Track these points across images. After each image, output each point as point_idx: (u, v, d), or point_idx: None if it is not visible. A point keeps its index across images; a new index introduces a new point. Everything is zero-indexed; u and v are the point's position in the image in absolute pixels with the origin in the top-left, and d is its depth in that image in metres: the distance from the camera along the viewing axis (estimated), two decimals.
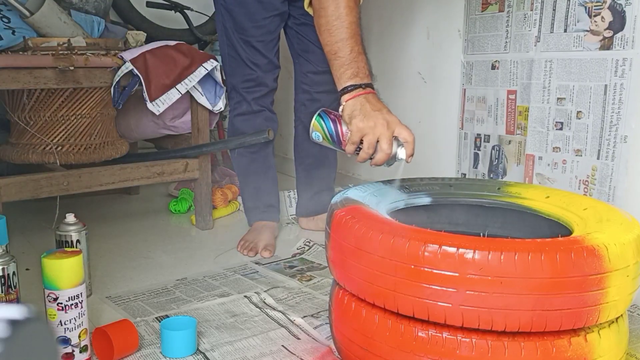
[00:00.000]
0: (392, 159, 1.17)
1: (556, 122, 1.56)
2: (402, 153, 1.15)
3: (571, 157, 1.54)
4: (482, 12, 1.75)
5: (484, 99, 1.77)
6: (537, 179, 1.61)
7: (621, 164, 1.44)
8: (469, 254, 0.83)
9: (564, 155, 1.55)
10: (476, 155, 1.81)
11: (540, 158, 1.61)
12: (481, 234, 1.25)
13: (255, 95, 1.77)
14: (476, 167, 1.81)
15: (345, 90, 1.18)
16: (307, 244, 1.80)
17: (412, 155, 1.16)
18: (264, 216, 1.86)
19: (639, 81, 1.40)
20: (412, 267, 0.86)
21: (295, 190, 2.03)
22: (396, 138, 1.15)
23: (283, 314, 1.31)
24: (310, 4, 1.29)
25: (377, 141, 1.13)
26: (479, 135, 1.80)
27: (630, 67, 1.40)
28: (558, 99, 1.55)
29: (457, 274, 0.83)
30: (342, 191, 1.14)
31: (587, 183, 1.51)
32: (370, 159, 1.17)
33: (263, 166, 1.85)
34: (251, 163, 1.85)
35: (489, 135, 1.77)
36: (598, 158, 1.48)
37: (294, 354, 1.13)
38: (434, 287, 0.85)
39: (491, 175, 1.76)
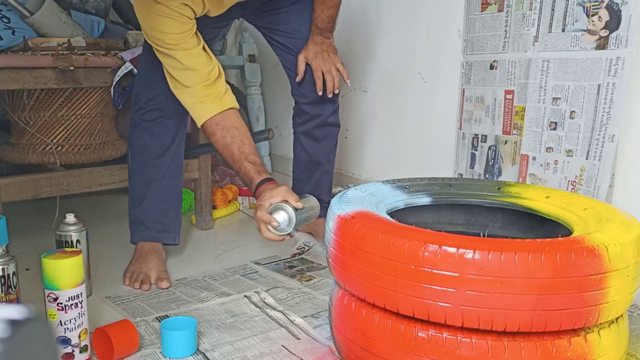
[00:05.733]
0: None
1: (550, 122, 1.55)
2: None
3: (562, 157, 1.52)
4: (481, 12, 1.75)
5: (482, 99, 1.76)
6: (530, 179, 1.60)
7: (607, 164, 1.43)
8: (469, 254, 0.83)
9: (556, 155, 1.54)
10: (473, 156, 1.80)
11: (534, 158, 1.60)
12: (481, 234, 1.25)
13: None
14: (473, 168, 1.80)
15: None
16: (307, 244, 1.80)
17: None
18: (150, 236, 1.61)
19: (630, 80, 1.40)
20: (412, 267, 0.86)
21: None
22: None
23: (283, 314, 1.30)
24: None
25: None
26: (476, 135, 1.79)
27: (622, 66, 1.40)
28: (553, 98, 1.54)
29: (457, 274, 0.83)
30: (342, 191, 1.14)
31: (574, 184, 1.50)
32: None
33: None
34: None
35: (486, 136, 1.75)
36: (587, 158, 1.47)
37: (294, 354, 1.13)
38: (434, 287, 0.85)
39: (487, 176, 1.74)
